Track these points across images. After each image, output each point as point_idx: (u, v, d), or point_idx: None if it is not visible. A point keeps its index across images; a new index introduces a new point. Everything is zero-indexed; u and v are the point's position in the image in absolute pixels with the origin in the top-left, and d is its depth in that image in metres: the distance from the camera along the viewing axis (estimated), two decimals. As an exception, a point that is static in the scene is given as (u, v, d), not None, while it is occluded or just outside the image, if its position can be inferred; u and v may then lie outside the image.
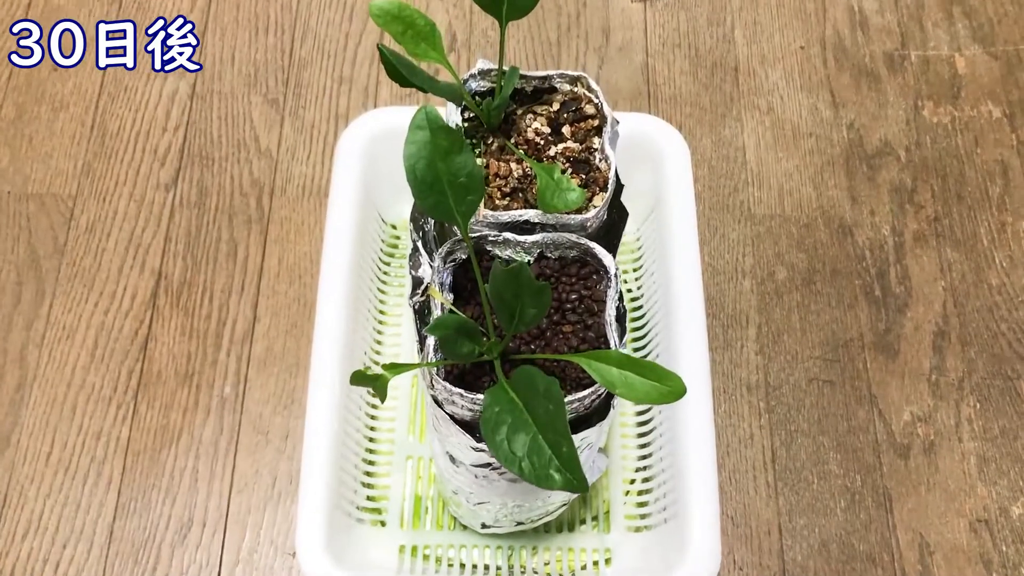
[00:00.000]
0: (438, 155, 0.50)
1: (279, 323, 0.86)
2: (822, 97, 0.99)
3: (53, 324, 0.86)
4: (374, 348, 0.81)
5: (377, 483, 0.78)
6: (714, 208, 0.93)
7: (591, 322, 0.59)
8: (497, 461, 0.53)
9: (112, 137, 0.94)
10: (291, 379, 0.84)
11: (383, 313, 0.84)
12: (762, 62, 1.01)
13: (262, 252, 0.89)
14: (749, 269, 0.90)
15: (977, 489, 0.81)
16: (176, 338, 0.85)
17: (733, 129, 0.97)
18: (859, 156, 0.96)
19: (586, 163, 0.62)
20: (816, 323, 0.88)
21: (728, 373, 0.85)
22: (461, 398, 0.55)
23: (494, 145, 0.63)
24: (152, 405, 0.83)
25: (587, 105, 0.65)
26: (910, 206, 0.94)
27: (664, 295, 0.79)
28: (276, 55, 0.99)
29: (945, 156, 0.96)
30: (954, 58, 1.02)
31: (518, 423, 0.47)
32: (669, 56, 1.00)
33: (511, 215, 0.59)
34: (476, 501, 0.70)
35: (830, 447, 0.83)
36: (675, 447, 0.74)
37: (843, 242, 0.91)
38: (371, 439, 0.80)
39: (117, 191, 0.92)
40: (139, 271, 0.88)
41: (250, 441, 0.82)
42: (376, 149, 0.82)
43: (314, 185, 0.93)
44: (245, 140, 0.95)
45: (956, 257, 0.91)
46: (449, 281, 0.60)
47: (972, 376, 0.86)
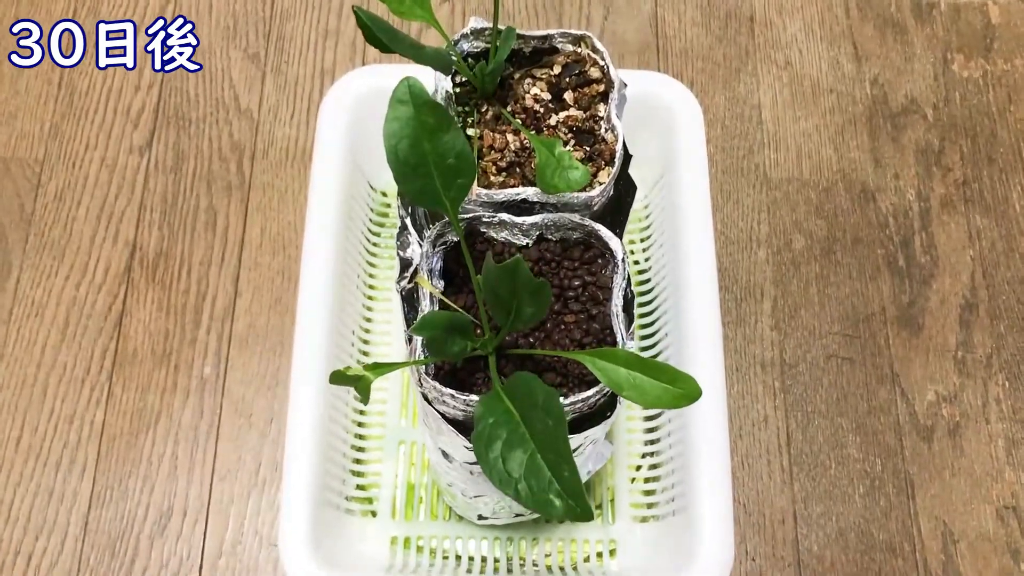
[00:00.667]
0: (423, 133, 0.44)
1: (262, 298, 0.81)
2: (844, 50, 0.92)
3: (21, 299, 0.80)
4: (363, 327, 0.76)
5: (367, 470, 0.73)
6: (727, 172, 0.86)
7: (596, 312, 0.54)
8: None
9: (81, 96, 0.88)
10: (275, 358, 0.79)
11: (372, 288, 0.78)
12: (780, 12, 0.93)
13: (243, 221, 0.83)
14: (764, 238, 0.84)
15: (1005, 474, 0.77)
16: (152, 314, 0.80)
17: (748, 85, 0.90)
18: (883, 115, 0.89)
19: (590, 133, 0.56)
20: (835, 296, 0.82)
21: (741, 350, 0.80)
22: (452, 399, 0.50)
23: (488, 114, 0.57)
24: (128, 387, 0.78)
25: (592, 68, 0.58)
26: (937, 169, 0.87)
27: (673, 269, 0.74)
28: (257, 5, 0.92)
29: (976, 114, 0.89)
30: (987, 6, 0.94)
31: (514, 438, 0.42)
32: (680, 5, 0.93)
33: (507, 194, 0.53)
34: (472, 495, 0.66)
35: (849, 429, 0.78)
36: (684, 432, 0.69)
37: (865, 208, 0.85)
38: (360, 423, 0.75)
39: (87, 155, 0.86)
40: (112, 242, 0.82)
41: (232, 425, 0.77)
42: (364, 109, 0.75)
43: (298, 148, 0.86)
44: (224, 99, 0.88)
45: (986, 224, 0.85)
46: (439, 266, 0.54)
47: (1001, 353, 0.81)
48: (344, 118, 0.76)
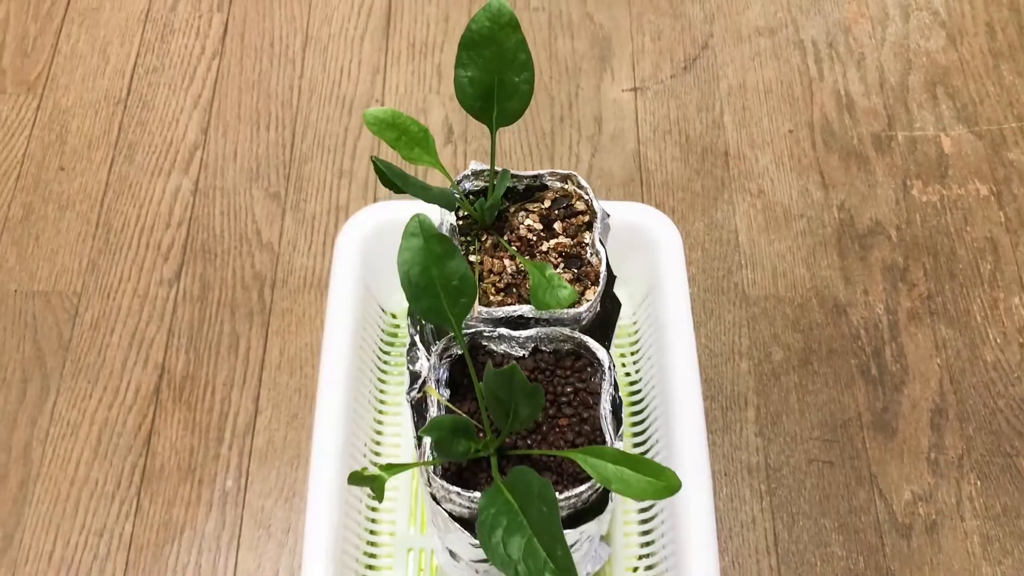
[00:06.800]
0: (431, 261, 0.51)
1: (280, 415, 0.87)
2: (812, 179, 1.01)
3: (57, 420, 0.87)
4: (374, 439, 0.82)
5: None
6: (709, 290, 0.94)
7: (587, 415, 0.60)
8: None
9: (117, 234, 0.96)
10: (292, 471, 0.85)
11: (383, 403, 0.84)
12: (752, 146, 1.03)
13: (263, 344, 0.91)
14: (746, 350, 0.91)
15: (982, 569, 0.81)
16: (179, 432, 0.86)
17: (725, 212, 0.98)
18: (850, 236, 0.97)
19: (578, 258, 0.64)
20: (814, 403, 0.88)
21: (729, 456, 0.86)
22: (459, 496, 0.56)
23: (488, 242, 0.64)
24: (155, 500, 0.83)
25: (578, 201, 0.66)
26: (903, 284, 0.95)
27: (661, 380, 0.80)
28: (277, 150, 1.02)
29: (936, 234, 0.98)
30: (940, 138, 1.04)
31: (513, 525, 0.48)
32: (660, 143, 1.03)
33: (505, 311, 0.60)
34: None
35: (832, 528, 0.83)
36: (676, 534, 0.74)
37: (838, 322, 0.93)
38: (372, 531, 0.80)
39: (121, 287, 0.93)
40: (142, 366, 0.89)
41: (252, 535, 0.82)
42: (375, 241, 0.84)
43: (315, 277, 0.94)
44: (247, 234, 0.97)
45: (950, 334, 0.92)
46: (445, 377, 0.61)
47: (971, 453, 0.86)
48: (357, 249, 0.83)
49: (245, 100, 1.05)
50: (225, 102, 1.05)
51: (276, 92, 1.06)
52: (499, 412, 0.53)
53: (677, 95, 1.06)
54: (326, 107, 1.05)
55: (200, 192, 0.99)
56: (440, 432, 0.52)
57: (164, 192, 0.99)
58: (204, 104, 1.04)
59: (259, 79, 1.06)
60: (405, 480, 0.83)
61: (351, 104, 1.05)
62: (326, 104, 1.05)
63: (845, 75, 1.08)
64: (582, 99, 1.06)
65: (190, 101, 1.05)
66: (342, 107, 1.05)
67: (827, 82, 1.07)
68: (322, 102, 1.05)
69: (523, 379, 0.50)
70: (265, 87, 1.06)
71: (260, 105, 1.05)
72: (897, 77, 1.08)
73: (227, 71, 1.07)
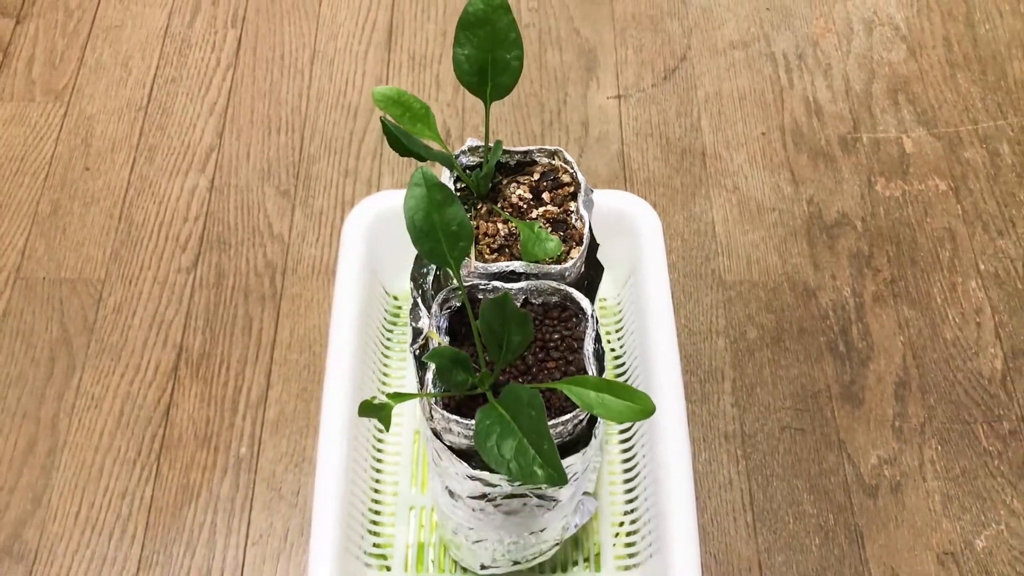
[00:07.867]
0: (433, 207, 0.59)
1: (291, 389, 0.94)
2: (783, 176, 1.09)
3: (82, 394, 0.93)
4: (379, 406, 0.88)
5: (382, 531, 0.84)
6: (688, 276, 1.01)
7: (572, 358, 0.67)
8: (488, 471, 0.59)
9: (138, 227, 1.04)
10: (302, 439, 0.91)
11: (386, 376, 0.91)
12: (727, 147, 1.11)
13: (275, 326, 0.97)
14: (722, 329, 0.98)
15: (943, 524, 0.87)
16: (196, 405, 0.93)
17: (703, 206, 1.06)
18: (819, 227, 1.05)
19: (564, 222, 0.71)
20: (786, 377, 0.95)
21: (707, 424, 0.92)
22: (457, 424, 0.63)
23: (483, 209, 0.72)
24: (173, 466, 0.89)
25: (563, 175, 0.74)
26: (868, 270, 1.02)
27: (643, 354, 0.87)
28: (287, 152, 1.10)
29: (898, 225, 1.05)
30: (902, 139, 1.12)
31: (506, 431, 0.54)
32: (642, 145, 1.11)
33: (499, 266, 0.68)
34: (474, 539, 0.76)
35: (804, 489, 0.89)
36: (658, 496, 0.80)
37: (808, 304, 1.00)
38: (376, 491, 0.86)
39: (142, 275, 1.01)
40: (162, 345, 0.96)
41: (264, 497, 0.88)
42: (378, 228, 0.91)
43: (323, 265, 1.01)
44: (259, 227, 1.04)
45: (913, 315, 0.99)
46: (445, 326, 0.68)
47: (932, 421, 0.93)
48: (361, 235, 0.91)
49: (258, 107, 1.13)
50: (239, 109, 1.13)
51: (286, 100, 1.14)
52: (493, 343, 0.60)
53: (658, 102, 1.14)
54: (332, 113, 1.13)
55: (216, 189, 1.06)
56: (441, 359, 0.59)
57: (182, 190, 1.06)
58: (219, 111, 1.12)
59: (270, 88, 1.15)
60: (407, 446, 0.89)
61: (355, 111, 1.13)
62: (332, 111, 1.13)
63: (813, 83, 1.16)
64: (570, 106, 1.14)
65: (206, 108, 1.13)
66: (347, 113, 1.13)
67: (796, 90, 1.16)
68: (329, 109, 1.13)
69: (514, 306, 0.57)
70: (276, 95, 1.14)
71: (271, 111, 1.13)
72: (862, 85, 1.16)
73: (241, 81, 1.15)
